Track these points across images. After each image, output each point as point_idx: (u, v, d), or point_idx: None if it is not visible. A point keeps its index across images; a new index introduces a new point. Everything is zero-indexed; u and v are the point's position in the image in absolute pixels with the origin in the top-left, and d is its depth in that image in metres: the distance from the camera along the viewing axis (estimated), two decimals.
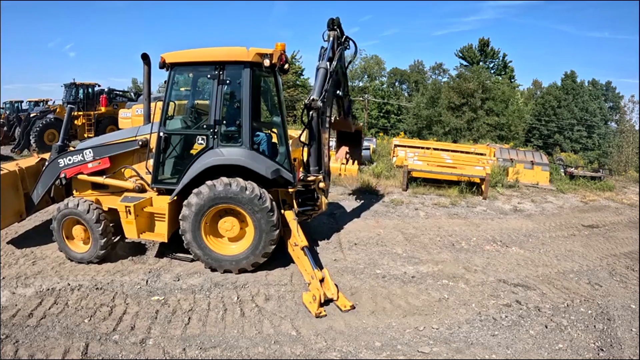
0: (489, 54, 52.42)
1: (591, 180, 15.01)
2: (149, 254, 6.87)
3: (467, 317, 5.21)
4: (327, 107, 7.31)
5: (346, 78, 8.77)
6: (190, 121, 6.77)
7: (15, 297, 5.46)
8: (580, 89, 50.11)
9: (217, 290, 5.71)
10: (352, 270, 6.49)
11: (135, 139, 6.47)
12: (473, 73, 42.97)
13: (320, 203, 7.12)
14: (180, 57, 6.15)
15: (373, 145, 17.91)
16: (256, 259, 6.06)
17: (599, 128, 49.29)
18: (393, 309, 5.36)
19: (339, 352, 4.46)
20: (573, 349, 4.64)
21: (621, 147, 42.01)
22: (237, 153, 6.02)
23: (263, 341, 4.62)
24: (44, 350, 4.37)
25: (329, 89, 7.15)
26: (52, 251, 6.81)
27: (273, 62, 5.96)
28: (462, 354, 4.47)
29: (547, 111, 49.51)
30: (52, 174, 6.71)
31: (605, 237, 8.86)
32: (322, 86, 6.95)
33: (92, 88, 20.65)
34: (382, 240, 7.85)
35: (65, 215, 6.37)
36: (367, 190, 11.85)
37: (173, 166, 6.43)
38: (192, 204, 5.92)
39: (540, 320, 5.19)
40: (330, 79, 7.20)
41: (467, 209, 10.61)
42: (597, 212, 11.11)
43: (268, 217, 5.88)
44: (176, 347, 4.48)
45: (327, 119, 7.37)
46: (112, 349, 4.43)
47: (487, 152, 16.05)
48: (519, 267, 6.93)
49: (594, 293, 6.05)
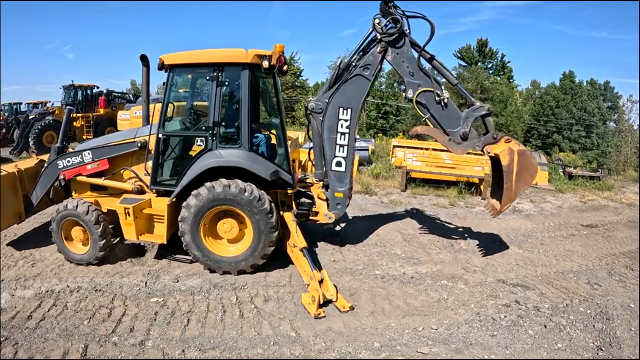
0: (488, 54, 52.48)
1: (590, 180, 15.04)
2: (148, 255, 6.87)
3: (466, 318, 5.22)
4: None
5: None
6: (189, 123, 6.77)
7: (14, 299, 5.46)
8: (578, 89, 50.21)
9: (216, 292, 5.71)
10: (351, 271, 6.49)
11: (134, 141, 6.47)
12: (471, 73, 43.07)
13: (319, 212, 6.69)
14: (179, 58, 6.15)
15: (372, 146, 17.93)
16: (255, 261, 6.06)
17: (597, 128, 49.39)
18: (392, 310, 5.37)
19: (338, 352, 4.46)
20: (572, 348, 4.65)
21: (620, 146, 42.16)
22: (236, 154, 6.02)
23: (262, 342, 4.62)
24: (43, 352, 4.37)
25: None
26: (51, 253, 6.81)
27: (272, 64, 5.95)
28: (461, 355, 4.47)
29: (545, 111, 49.61)
30: (51, 175, 6.71)
31: (604, 236, 8.87)
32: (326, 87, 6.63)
33: (90, 90, 20.65)
34: (381, 241, 7.86)
35: (64, 216, 6.36)
36: (366, 190, 11.86)
37: (172, 168, 6.44)
38: (191, 205, 5.92)
39: (539, 320, 5.20)
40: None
41: (466, 209, 10.62)
42: (596, 211, 11.12)
43: (267, 218, 5.88)
44: (175, 349, 4.47)
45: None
46: (111, 351, 4.43)
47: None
48: (518, 267, 6.93)
49: (593, 293, 6.05)
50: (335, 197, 6.58)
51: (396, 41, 6.15)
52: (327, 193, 6.60)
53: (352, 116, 6.38)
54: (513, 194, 6.20)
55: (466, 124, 6.14)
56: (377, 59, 6.23)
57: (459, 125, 6.17)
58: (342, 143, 6.46)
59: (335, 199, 6.59)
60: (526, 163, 6.15)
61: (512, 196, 6.22)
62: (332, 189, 6.57)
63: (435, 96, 6.14)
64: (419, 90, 6.19)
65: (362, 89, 6.35)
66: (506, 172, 6.11)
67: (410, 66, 6.19)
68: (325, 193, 6.62)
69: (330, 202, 6.61)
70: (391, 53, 6.21)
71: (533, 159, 6.37)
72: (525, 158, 6.15)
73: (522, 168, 6.11)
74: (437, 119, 6.25)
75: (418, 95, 6.21)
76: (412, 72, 6.19)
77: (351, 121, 6.39)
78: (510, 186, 6.15)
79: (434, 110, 6.22)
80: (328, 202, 6.61)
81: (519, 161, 6.09)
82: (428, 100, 6.20)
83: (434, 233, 8.44)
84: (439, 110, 6.19)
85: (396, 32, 6.07)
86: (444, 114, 6.20)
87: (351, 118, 6.38)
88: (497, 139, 6.17)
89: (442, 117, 6.22)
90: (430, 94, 6.17)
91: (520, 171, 6.12)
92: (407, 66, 6.20)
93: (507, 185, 6.15)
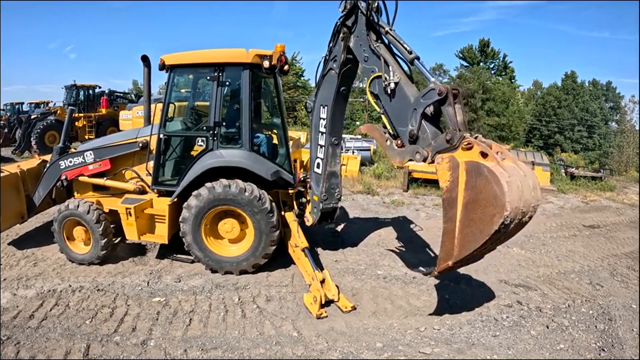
0: (490, 54, 52.41)
1: (592, 180, 15.01)
2: (150, 255, 6.88)
3: (468, 318, 5.20)
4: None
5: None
6: (190, 123, 6.78)
7: (16, 298, 5.47)
8: (580, 89, 50.16)
9: (218, 292, 5.71)
10: (353, 271, 6.49)
11: (136, 141, 6.48)
12: (473, 74, 43.02)
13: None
14: (180, 59, 6.16)
15: (374, 146, 17.90)
16: (257, 260, 6.06)
17: (599, 128, 49.33)
18: (394, 310, 5.36)
19: (340, 352, 4.46)
20: (574, 349, 4.63)
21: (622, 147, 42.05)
22: (237, 155, 6.03)
23: (264, 342, 4.62)
24: (45, 352, 4.37)
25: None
26: (53, 253, 6.82)
27: (273, 64, 5.95)
28: (464, 355, 4.46)
29: (547, 111, 49.55)
30: (53, 175, 6.73)
31: (606, 237, 8.84)
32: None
33: (92, 90, 20.71)
34: (383, 241, 7.85)
35: (66, 216, 6.38)
36: (368, 191, 11.85)
37: (173, 168, 6.45)
38: (191, 206, 5.93)
39: (541, 321, 5.18)
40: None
41: None
42: (598, 212, 11.09)
43: (268, 218, 5.88)
44: (177, 348, 4.48)
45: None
46: (114, 350, 4.43)
47: None
48: (520, 267, 6.92)
49: (595, 293, 6.04)
50: (313, 200, 6.18)
51: (354, 23, 5.06)
52: (309, 194, 6.35)
53: (328, 114, 5.71)
54: (456, 246, 3.77)
55: (414, 119, 4.23)
56: (340, 48, 5.27)
57: (407, 121, 4.35)
58: (321, 143, 5.91)
59: (313, 202, 6.18)
60: (481, 190, 3.54)
61: (454, 251, 3.80)
62: (311, 192, 6.20)
63: (383, 82, 4.57)
64: (371, 77, 4.75)
65: (332, 84, 5.59)
66: (445, 200, 3.82)
67: (365, 49, 4.90)
68: (309, 194, 6.39)
69: (311, 205, 6.32)
70: (352, 40, 5.10)
71: (497, 184, 3.43)
72: (480, 180, 3.56)
73: (473, 199, 3.62)
74: (388, 112, 4.65)
75: (370, 83, 4.78)
76: (367, 56, 4.89)
77: (327, 119, 5.73)
78: (452, 229, 3.76)
79: (384, 102, 4.66)
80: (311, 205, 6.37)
81: (467, 184, 3.65)
82: (379, 89, 4.68)
83: (435, 233, 8.42)
84: (387, 101, 4.59)
85: (349, 11, 5.02)
86: (392, 105, 4.54)
87: (327, 116, 5.73)
88: (454, 143, 3.83)
89: (391, 111, 4.60)
90: (380, 80, 4.63)
91: (470, 205, 3.63)
92: (363, 50, 4.94)
93: (447, 226, 3.83)
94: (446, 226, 3.83)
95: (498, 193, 3.44)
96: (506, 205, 3.40)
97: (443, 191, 3.84)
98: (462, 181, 3.68)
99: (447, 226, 3.82)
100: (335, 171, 6.10)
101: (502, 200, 3.41)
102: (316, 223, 6.29)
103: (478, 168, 3.58)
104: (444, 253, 3.92)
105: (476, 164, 3.62)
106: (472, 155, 3.70)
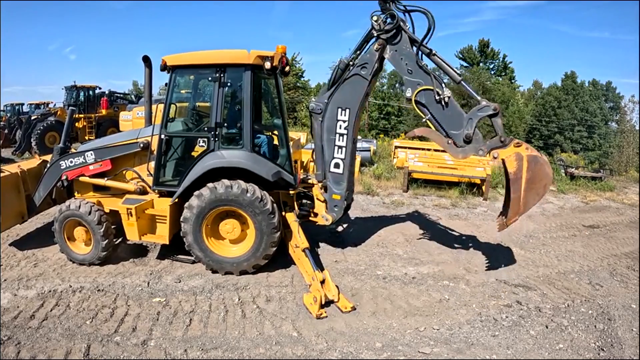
0: (489, 55, 52.45)
1: (592, 180, 15.00)
2: (151, 255, 6.89)
3: (467, 318, 5.22)
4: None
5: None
6: (192, 123, 6.79)
7: (17, 299, 5.48)
8: (580, 89, 50.18)
9: (218, 292, 5.72)
10: (352, 271, 6.50)
11: (137, 141, 6.49)
12: (473, 74, 42.99)
13: (317, 213, 6.71)
14: (181, 59, 6.17)
15: (373, 147, 17.92)
16: (257, 261, 6.08)
17: (599, 128, 49.33)
18: (394, 310, 5.38)
19: (340, 353, 4.47)
20: (574, 349, 4.65)
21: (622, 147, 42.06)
22: (238, 155, 6.04)
23: (264, 342, 4.63)
24: (45, 352, 4.39)
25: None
26: (54, 253, 6.83)
27: (274, 65, 5.96)
28: (463, 355, 4.48)
29: (547, 112, 49.57)
30: (53, 176, 6.75)
31: (606, 237, 8.86)
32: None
33: (93, 90, 20.70)
34: (383, 242, 7.86)
35: (67, 217, 6.39)
36: (368, 191, 11.87)
37: (174, 168, 6.46)
38: (193, 206, 5.94)
39: (540, 321, 5.20)
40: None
41: (468, 210, 10.61)
42: (597, 212, 11.11)
43: (269, 219, 5.90)
44: (177, 349, 4.49)
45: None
46: (114, 351, 4.45)
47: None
48: (520, 267, 6.93)
49: (594, 293, 6.05)
50: (332, 199, 6.47)
51: (393, 37, 5.88)
52: (325, 195, 6.54)
53: (351, 117, 6.20)
54: (522, 205, 5.63)
55: (470, 126, 5.66)
56: (374, 57, 5.98)
57: (461, 127, 5.70)
58: (341, 144, 6.30)
59: (333, 201, 6.47)
60: (538, 171, 5.54)
61: (520, 209, 5.66)
62: (329, 191, 6.47)
63: (435, 95, 5.73)
64: (418, 89, 5.81)
65: (359, 89, 6.13)
66: (513, 180, 5.60)
67: (409, 63, 5.86)
68: (323, 195, 6.57)
69: (328, 204, 6.54)
70: (389, 51, 5.95)
71: (547, 166, 5.63)
72: (537, 165, 5.53)
73: (533, 177, 5.53)
74: (438, 119, 5.83)
75: (417, 94, 5.84)
76: (410, 69, 5.85)
77: (349, 122, 6.21)
78: (518, 197, 5.58)
79: (434, 111, 5.82)
80: (326, 204, 6.58)
81: (528, 168, 5.53)
82: (428, 99, 5.81)
83: (435, 234, 8.44)
84: (439, 110, 5.78)
85: (393, 28, 5.80)
86: (445, 114, 5.78)
87: (349, 119, 6.21)
88: (506, 143, 5.63)
89: (443, 118, 5.81)
90: (429, 92, 5.77)
91: (531, 180, 5.54)
92: (405, 63, 5.88)
93: (515, 195, 5.61)
94: (514, 196, 5.64)
95: (548, 172, 5.62)
96: (551, 177, 5.75)
97: (511, 174, 5.61)
98: (525, 167, 5.57)
99: (515, 195, 5.64)
100: (352, 169, 6.69)
101: (550, 175, 5.68)
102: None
103: (535, 158, 5.61)
104: (513, 212, 5.72)
105: (534, 156, 5.61)
106: (521, 150, 5.62)
